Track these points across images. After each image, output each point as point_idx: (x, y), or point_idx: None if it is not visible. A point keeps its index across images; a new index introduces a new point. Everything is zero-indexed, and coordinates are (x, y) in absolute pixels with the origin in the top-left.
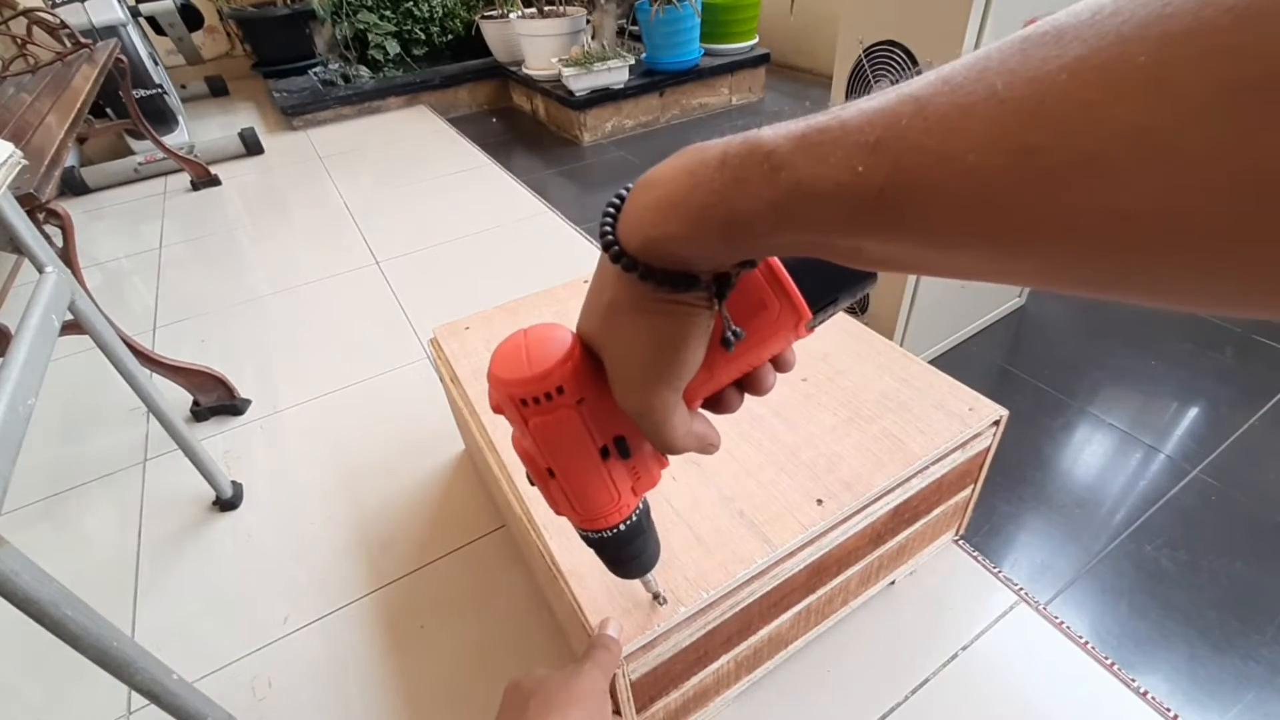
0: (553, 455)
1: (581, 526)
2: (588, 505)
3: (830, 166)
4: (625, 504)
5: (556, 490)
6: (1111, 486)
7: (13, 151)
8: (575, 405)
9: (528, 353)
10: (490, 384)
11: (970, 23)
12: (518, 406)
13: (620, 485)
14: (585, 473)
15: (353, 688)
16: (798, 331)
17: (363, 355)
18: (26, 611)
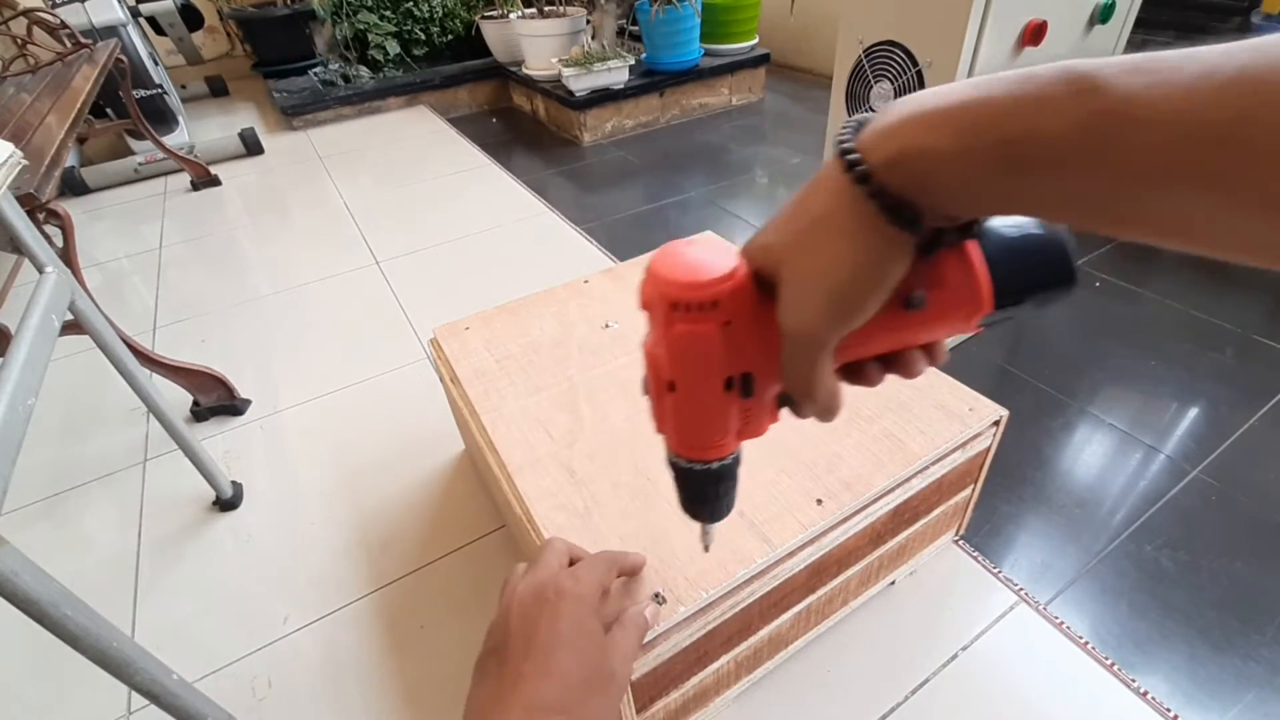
0: (680, 368)
1: (676, 450)
2: (693, 431)
3: (1176, 89)
4: (727, 443)
5: (669, 406)
6: (1111, 487)
7: (13, 151)
8: (721, 325)
9: (694, 259)
10: (647, 278)
11: (970, 23)
12: (667, 309)
13: (730, 422)
14: (704, 397)
15: (353, 688)
16: (969, 322)
17: (363, 355)
18: (26, 611)
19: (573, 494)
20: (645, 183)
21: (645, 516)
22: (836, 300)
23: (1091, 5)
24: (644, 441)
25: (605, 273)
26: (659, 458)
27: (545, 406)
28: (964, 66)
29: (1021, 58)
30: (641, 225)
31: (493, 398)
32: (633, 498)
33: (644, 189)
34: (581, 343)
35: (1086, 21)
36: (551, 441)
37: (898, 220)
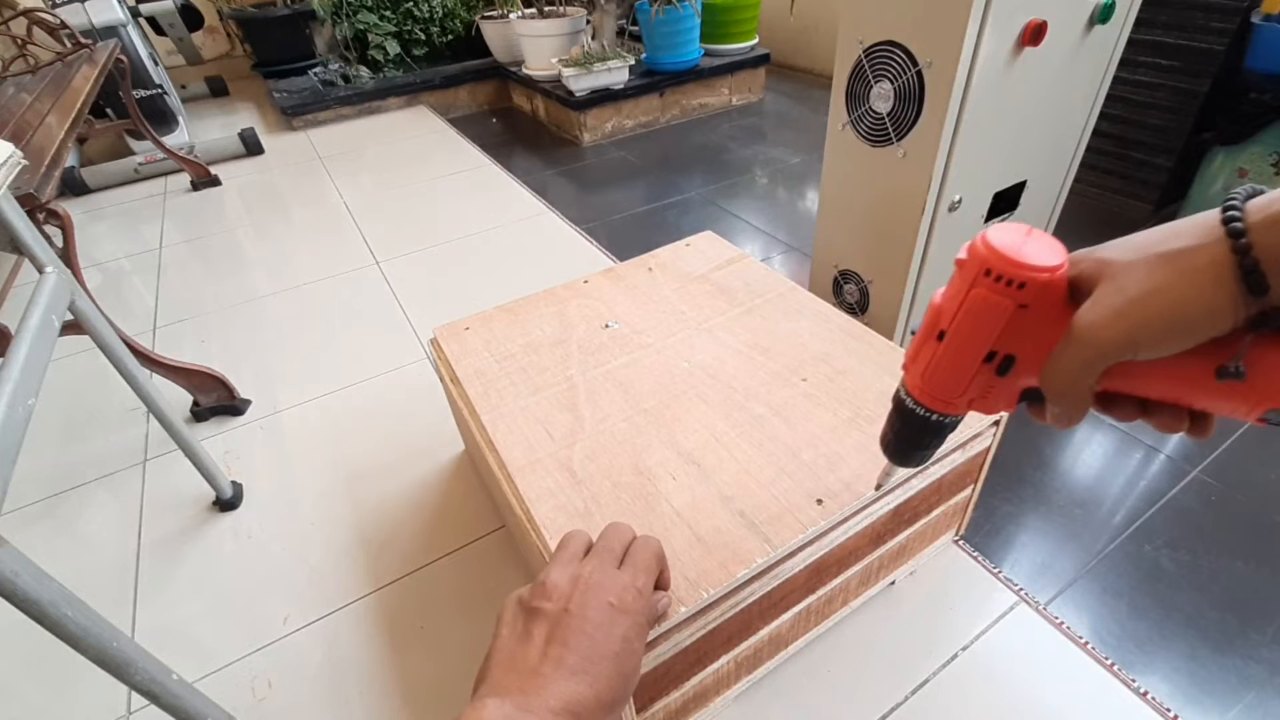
0: (959, 324)
1: (911, 390)
2: (938, 381)
3: None
4: (958, 405)
5: (930, 350)
6: (1111, 487)
7: (13, 151)
8: (1017, 306)
9: (1028, 243)
10: (978, 241)
11: (970, 23)
12: (979, 270)
13: (972, 389)
14: (964, 356)
15: (353, 688)
16: (1256, 410)
17: (363, 355)
18: (26, 611)
19: (573, 494)
20: (645, 183)
21: (645, 517)
22: (1144, 323)
23: (1091, 5)
24: (644, 441)
25: (605, 273)
26: (659, 458)
27: (545, 406)
28: (964, 66)
29: (1021, 58)
30: (641, 225)
31: (492, 398)
32: (633, 498)
33: (644, 189)
34: (581, 343)
35: (1086, 22)
36: (551, 442)
37: (1246, 281)
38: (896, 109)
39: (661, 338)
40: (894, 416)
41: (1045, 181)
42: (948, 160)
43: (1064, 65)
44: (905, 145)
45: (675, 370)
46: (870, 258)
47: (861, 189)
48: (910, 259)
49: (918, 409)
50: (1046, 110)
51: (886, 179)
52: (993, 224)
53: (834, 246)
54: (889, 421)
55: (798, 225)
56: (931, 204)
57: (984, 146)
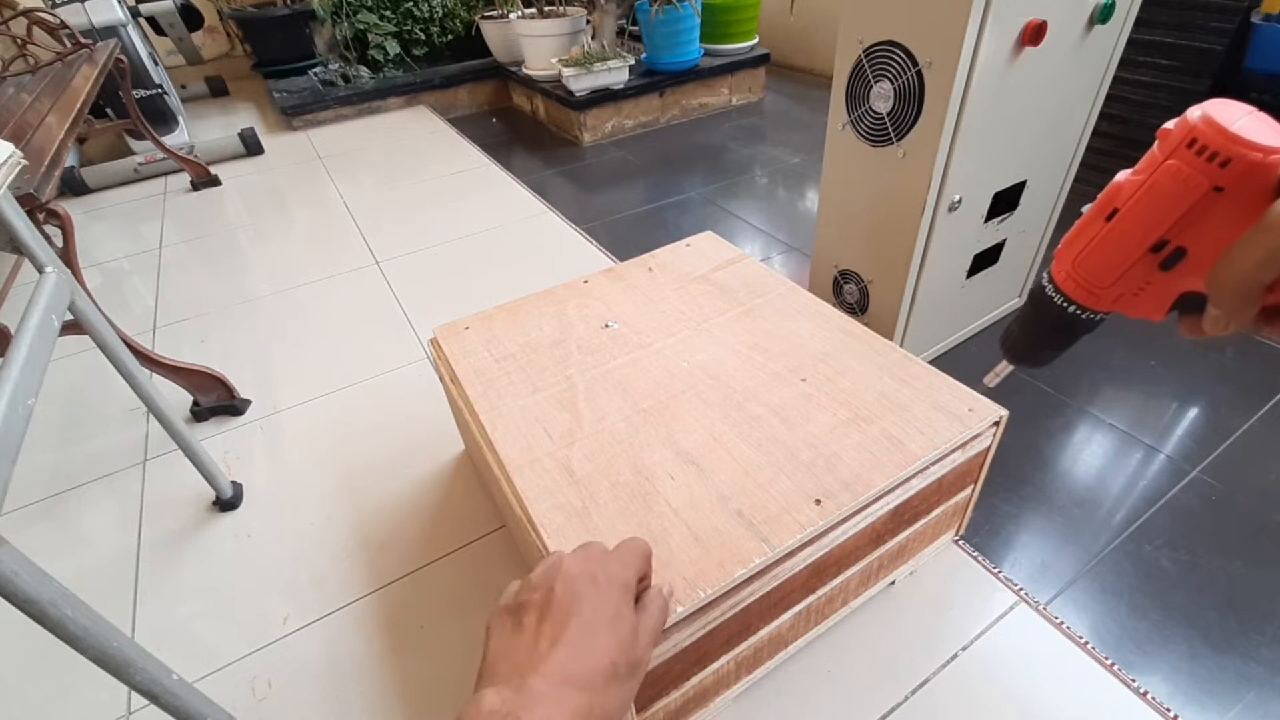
0: (1139, 200)
1: (1058, 277)
2: (1094, 263)
3: None
4: (1105, 298)
5: (1091, 232)
6: (1111, 487)
7: (13, 151)
8: (1212, 185)
9: (1248, 119)
10: (1192, 110)
11: (970, 23)
12: (1182, 142)
13: (1127, 279)
14: (1131, 238)
15: (353, 688)
16: None
17: (363, 355)
18: (26, 611)
19: (571, 494)
20: (645, 183)
21: (643, 516)
22: None
23: (1091, 5)
24: (643, 441)
25: (605, 273)
26: (658, 458)
27: (544, 406)
28: (964, 66)
29: (1021, 57)
30: (641, 225)
31: (492, 397)
32: (631, 498)
33: (644, 189)
34: (581, 343)
35: (1086, 21)
36: (550, 441)
37: None
38: (896, 109)
39: (661, 338)
40: (1027, 309)
41: (1045, 181)
42: (948, 160)
43: (1064, 65)
44: (905, 145)
45: (674, 370)
46: (870, 258)
47: (861, 189)
48: (910, 259)
49: (1057, 298)
50: (1046, 110)
51: (886, 179)
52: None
53: (834, 246)
54: (1019, 316)
55: (798, 225)
56: (931, 204)
57: (984, 146)
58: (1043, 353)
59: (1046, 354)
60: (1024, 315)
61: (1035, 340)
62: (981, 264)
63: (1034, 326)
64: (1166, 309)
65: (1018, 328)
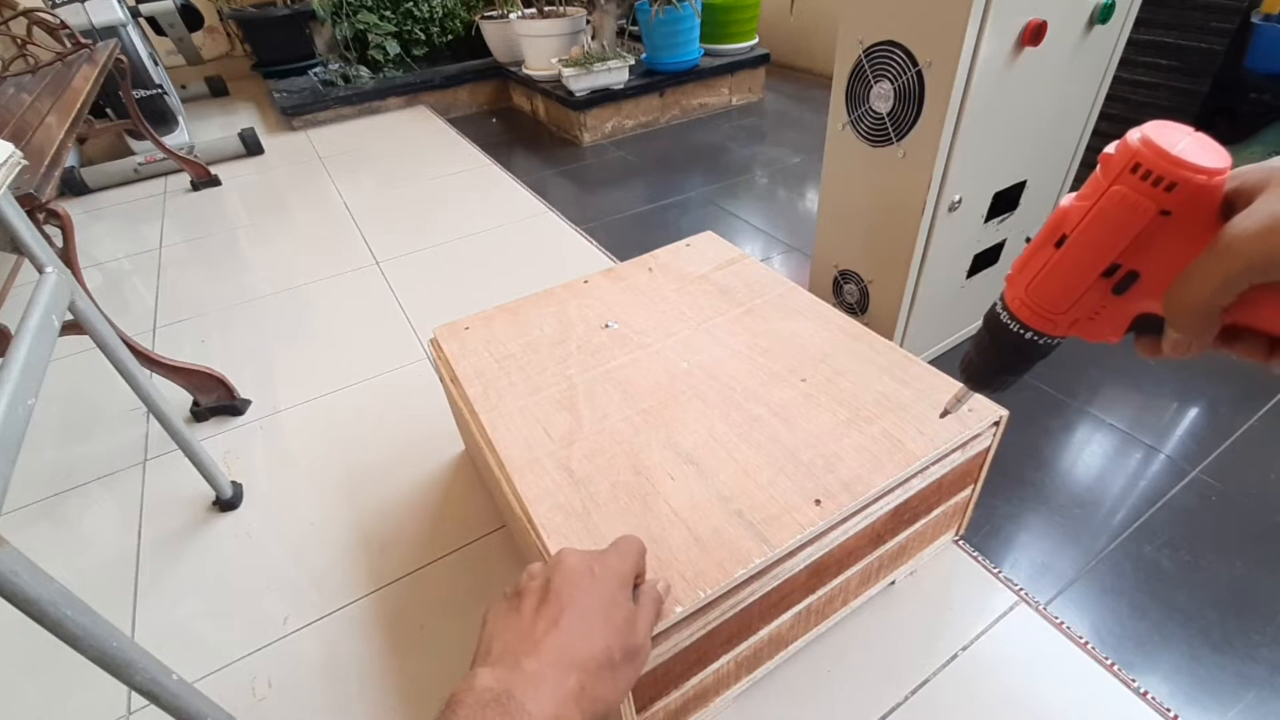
0: (1086, 226)
1: (1011, 303)
2: (1045, 291)
3: None
4: (1060, 324)
5: (1041, 259)
6: (1111, 487)
7: (13, 151)
8: (1158, 210)
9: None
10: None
11: (970, 23)
12: (1125, 167)
13: (1080, 305)
14: (1082, 264)
15: (353, 688)
16: None
17: (363, 355)
18: (26, 611)
19: (571, 494)
20: (645, 183)
21: (643, 516)
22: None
23: (1091, 5)
24: (643, 441)
25: (605, 273)
26: (657, 458)
27: (544, 406)
28: (964, 66)
29: (1021, 58)
30: (641, 225)
31: (492, 397)
32: (631, 498)
33: (644, 189)
34: (581, 343)
35: (1086, 21)
36: (550, 441)
37: None
38: (896, 109)
39: (661, 338)
40: (983, 334)
41: (1045, 181)
42: (948, 160)
43: (1064, 65)
44: (905, 145)
45: (674, 370)
46: (870, 258)
47: (861, 189)
48: (910, 259)
49: (1012, 324)
50: (1046, 110)
51: (886, 179)
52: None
53: (834, 246)
54: (975, 341)
55: (798, 225)
56: (931, 204)
57: (984, 146)
58: (1000, 377)
59: (1004, 379)
60: (980, 341)
61: (992, 365)
62: (981, 264)
63: (991, 352)
64: (1123, 331)
65: (975, 353)
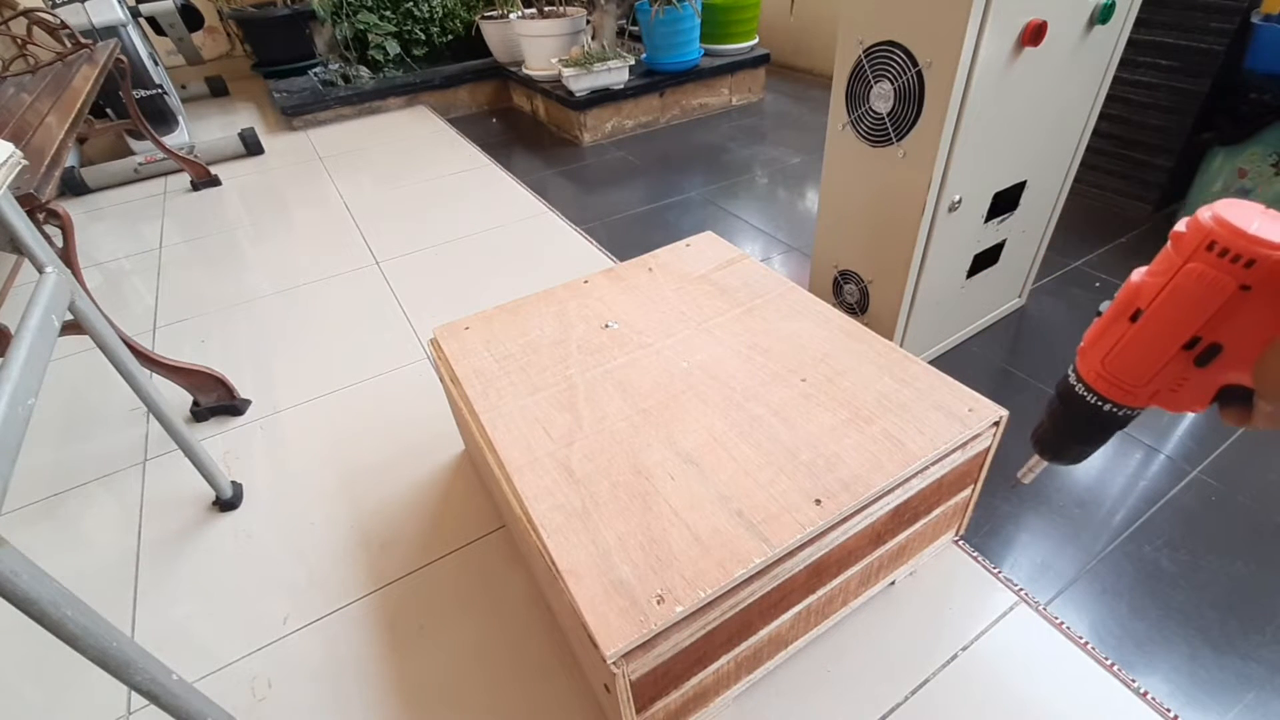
0: (1164, 302)
1: (1085, 375)
2: (1124, 364)
3: None
4: (1140, 395)
5: (1118, 331)
6: (1111, 487)
7: (13, 151)
8: (1238, 285)
9: (1262, 219)
10: (1203, 212)
11: (970, 23)
12: (1200, 244)
13: (1162, 377)
14: (1162, 339)
15: (353, 688)
16: None
17: (363, 355)
18: (26, 612)
19: (571, 493)
20: (645, 183)
21: (643, 516)
22: None
23: (1091, 5)
24: (643, 441)
25: (605, 273)
26: (657, 458)
27: (544, 406)
28: (964, 66)
29: (1021, 58)
30: (641, 225)
31: (492, 397)
32: (631, 498)
33: (644, 189)
34: (581, 343)
35: (1086, 21)
36: (550, 441)
37: None
38: (896, 109)
39: (661, 338)
40: (1057, 406)
41: (1045, 181)
42: (948, 160)
43: (1064, 65)
44: (905, 145)
45: (674, 370)
46: (870, 258)
47: (861, 189)
48: (910, 259)
49: (1089, 396)
50: (1046, 110)
51: (886, 179)
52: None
53: (834, 246)
54: (1049, 412)
55: (798, 225)
56: (931, 204)
57: (984, 146)
58: (1076, 448)
59: (1080, 449)
60: (1055, 412)
61: (1070, 438)
62: (981, 264)
63: (1066, 424)
64: (1208, 401)
65: (1049, 425)
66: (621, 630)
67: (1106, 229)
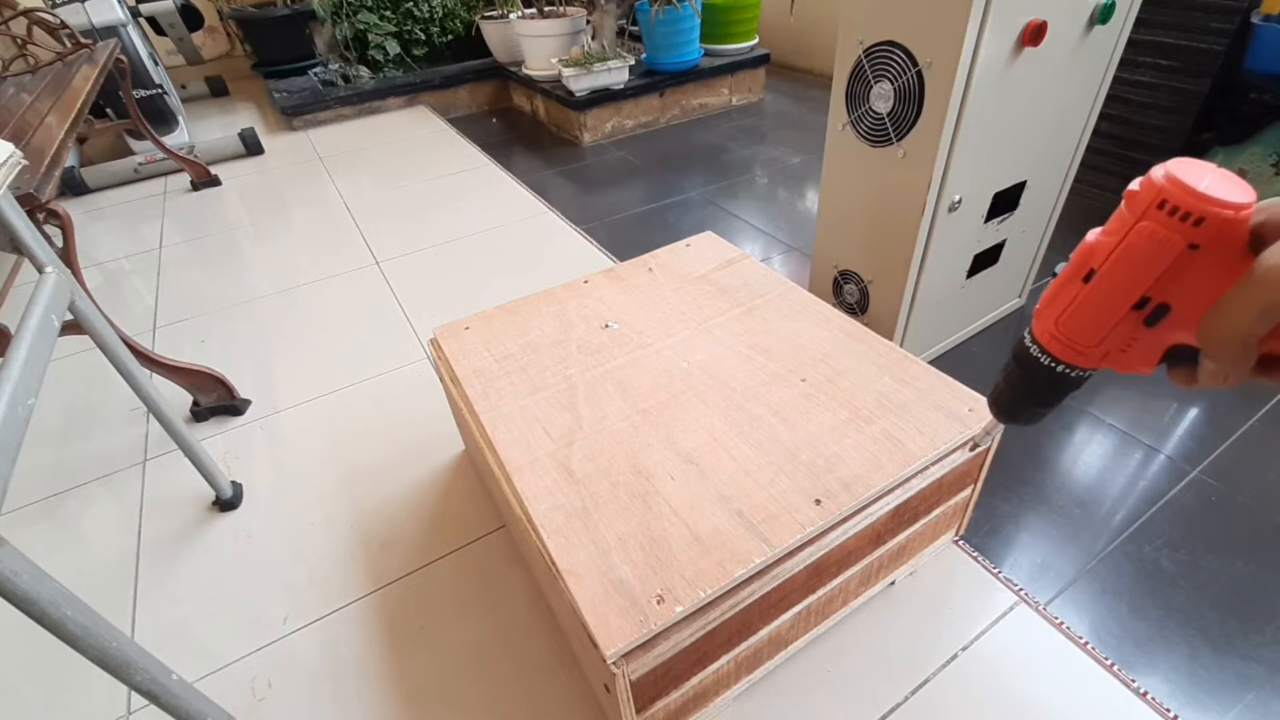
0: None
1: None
2: (1076, 324)
3: None
4: (1091, 356)
5: (1069, 293)
6: (1111, 487)
7: (13, 151)
8: (1187, 244)
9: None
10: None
11: (970, 23)
12: (1151, 203)
13: (1112, 337)
14: (1113, 299)
15: (352, 688)
16: None
17: (363, 355)
18: (26, 612)
19: (571, 493)
20: (645, 183)
21: (643, 516)
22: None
23: (1091, 5)
24: (643, 441)
25: (605, 273)
26: (657, 458)
27: (544, 406)
28: (964, 66)
29: (1021, 58)
30: (641, 225)
31: (492, 397)
32: (631, 497)
33: (644, 189)
34: (581, 343)
35: (1086, 22)
36: (550, 441)
37: None
38: (896, 109)
39: (661, 338)
40: (1012, 367)
41: (1045, 181)
42: (948, 160)
43: (1064, 65)
44: (905, 145)
45: (674, 370)
46: (870, 258)
47: (861, 189)
48: (910, 259)
49: (1043, 358)
50: (1046, 110)
51: (886, 179)
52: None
53: (834, 246)
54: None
55: (798, 225)
56: (931, 204)
57: (984, 146)
58: (1031, 409)
59: (1035, 411)
60: (1010, 374)
61: (1023, 398)
62: (981, 264)
63: (1022, 385)
64: (1155, 362)
65: (1005, 386)
66: (621, 630)
67: None
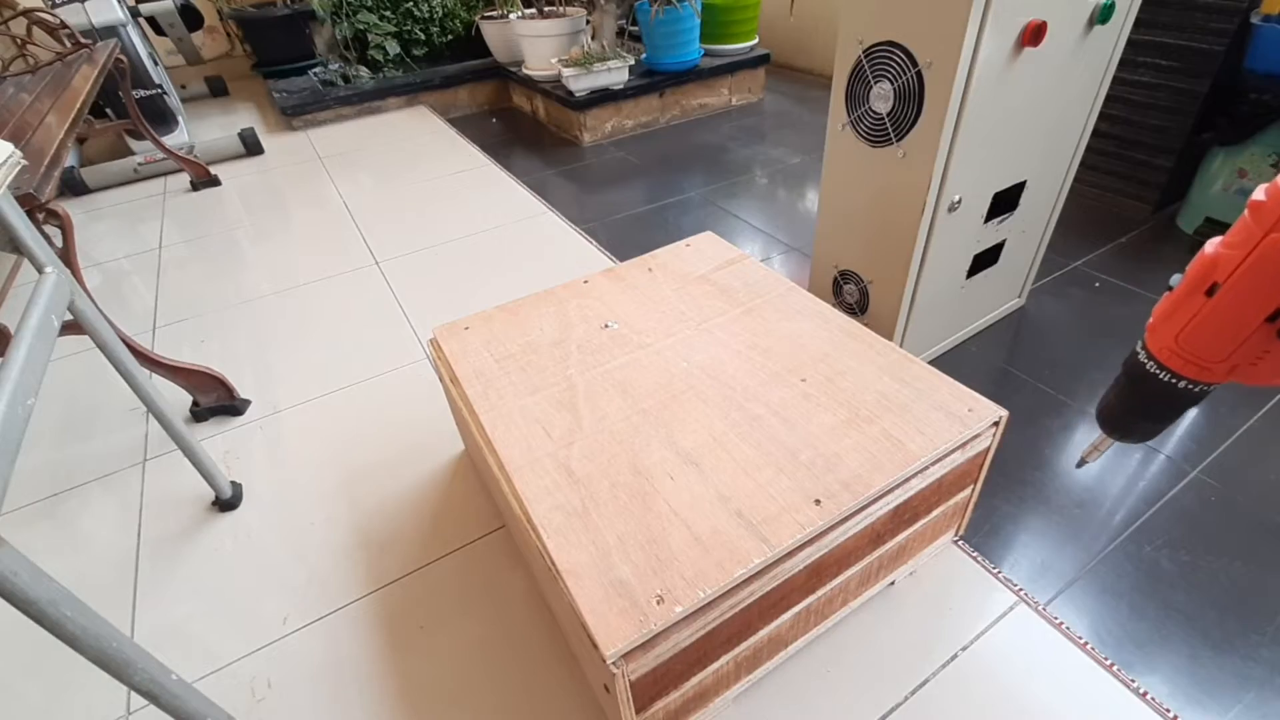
0: (1243, 275)
1: (1157, 353)
2: (1202, 339)
3: None
4: (1217, 371)
5: (1193, 306)
6: (1111, 487)
7: (13, 151)
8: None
9: None
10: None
11: (970, 23)
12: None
13: (1242, 350)
14: (1242, 313)
15: (352, 688)
16: None
17: (363, 355)
18: (26, 612)
19: (571, 493)
20: (645, 183)
21: (643, 516)
22: None
23: (1091, 5)
24: (642, 441)
25: (605, 273)
26: (657, 458)
27: (544, 406)
28: (964, 67)
29: (1021, 58)
30: (641, 225)
31: (492, 397)
32: (630, 498)
33: (644, 189)
34: (581, 343)
35: (1086, 22)
36: (550, 441)
37: None
38: (896, 109)
39: (661, 338)
40: (1124, 384)
41: (1045, 181)
42: (948, 160)
43: (1064, 65)
44: (905, 145)
45: (674, 370)
46: (870, 258)
47: (861, 189)
48: (910, 259)
49: (1161, 374)
50: (1046, 110)
51: (886, 179)
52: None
53: (834, 247)
54: (1116, 390)
55: (798, 225)
56: (931, 204)
57: (984, 146)
58: (1145, 425)
59: (1150, 427)
60: (1122, 390)
61: (1139, 415)
62: (981, 264)
63: (1135, 401)
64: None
65: (1117, 403)
66: (621, 630)
67: (1106, 229)
